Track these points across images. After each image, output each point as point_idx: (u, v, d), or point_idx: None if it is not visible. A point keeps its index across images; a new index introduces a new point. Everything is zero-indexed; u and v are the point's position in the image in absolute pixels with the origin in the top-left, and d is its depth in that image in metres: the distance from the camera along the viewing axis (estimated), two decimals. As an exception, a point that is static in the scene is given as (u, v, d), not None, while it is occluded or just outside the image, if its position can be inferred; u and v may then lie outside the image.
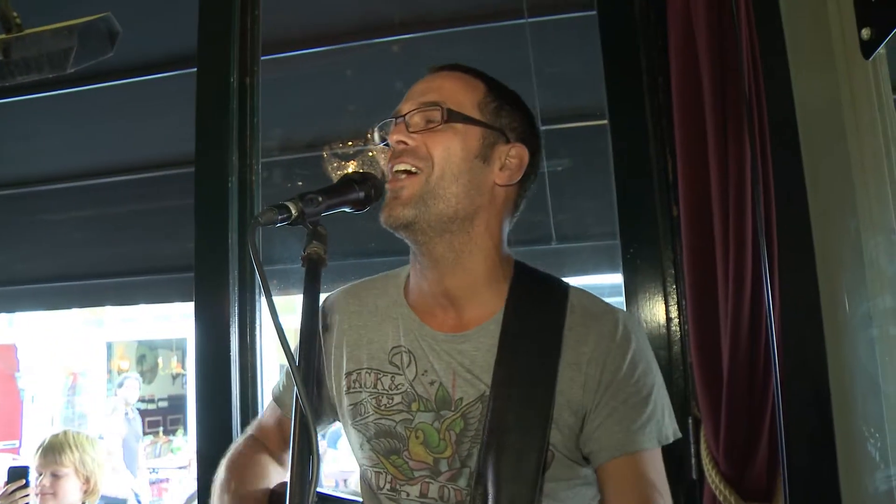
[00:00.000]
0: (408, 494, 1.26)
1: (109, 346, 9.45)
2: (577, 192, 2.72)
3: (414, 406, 1.27)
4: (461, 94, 1.29)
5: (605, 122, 2.00)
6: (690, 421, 1.79)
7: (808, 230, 1.60)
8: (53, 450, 2.83)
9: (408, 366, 1.29)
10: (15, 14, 2.62)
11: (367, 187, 1.22)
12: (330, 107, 2.98)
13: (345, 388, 1.36)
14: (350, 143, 2.89)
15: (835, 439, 1.55)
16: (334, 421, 1.45)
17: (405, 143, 1.25)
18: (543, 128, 2.73)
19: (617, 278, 1.95)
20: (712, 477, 1.62)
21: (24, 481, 2.70)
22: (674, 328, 1.83)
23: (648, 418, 1.22)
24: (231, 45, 2.29)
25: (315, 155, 2.90)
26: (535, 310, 1.27)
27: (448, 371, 1.26)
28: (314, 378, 0.96)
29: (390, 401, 1.29)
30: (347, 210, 1.22)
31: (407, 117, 1.26)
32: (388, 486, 1.28)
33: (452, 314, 1.30)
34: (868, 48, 1.39)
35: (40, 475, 2.80)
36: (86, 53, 2.57)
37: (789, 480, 1.57)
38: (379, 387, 1.31)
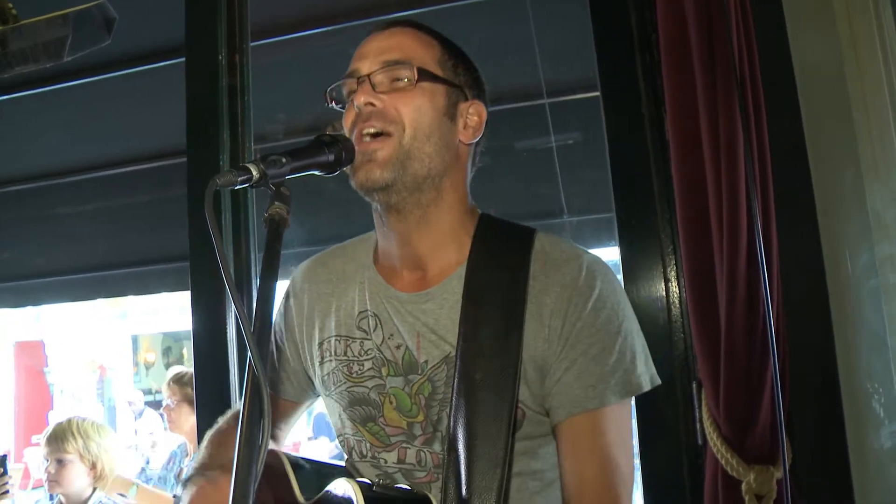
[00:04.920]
0: (386, 461, 1.24)
1: (135, 339, 9.56)
2: (587, 165, 2.66)
3: (384, 371, 1.24)
4: (422, 51, 1.25)
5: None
6: (694, 385, 1.74)
7: (807, 181, 1.54)
8: (57, 437, 2.88)
9: (374, 330, 1.26)
10: (10, 5, 2.62)
11: (338, 150, 1.18)
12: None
13: (318, 359, 1.33)
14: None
15: (841, 398, 1.50)
16: (317, 395, 1.42)
17: (373, 104, 1.20)
18: (549, 100, 2.70)
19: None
20: (714, 441, 1.57)
21: (1, 469, 2.80)
22: (673, 289, 1.77)
23: (612, 370, 1.16)
24: (219, 22, 2.26)
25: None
26: (499, 261, 1.22)
27: (412, 333, 1.22)
28: (269, 340, 0.92)
29: (361, 367, 1.26)
30: (316, 173, 1.18)
31: (371, 77, 1.21)
32: (368, 453, 1.26)
33: (417, 273, 1.27)
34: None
35: (47, 462, 2.84)
36: (82, 41, 2.56)
37: (794, 441, 1.52)
38: (349, 354, 1.28)
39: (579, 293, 1.18)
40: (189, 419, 3.48)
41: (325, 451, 6.58)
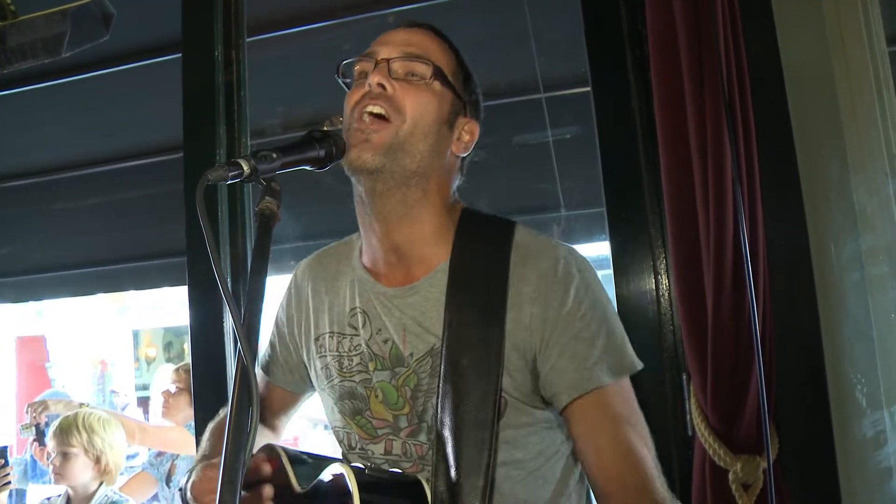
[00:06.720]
0: (373, 453, 1.27)
1: (136, 334, 9.57)
2: (584, 159, 2.67)
3: (371, 365, 1.26)
4: (442, 56, 1.29)
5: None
6: (683, 376, 1.76)
7: (794, 174, 1.56)
8: (62, 431, 2.90)
9: (363, 326, 1.29)
10: (9, 1, 2.64)
11: (329, 145, 1.21)
12: (330, 82, 2.96)
13: (315, 353, 1.37)
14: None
15: (827, 388, 1.52)
16: (313, 388, 1.45)
17: (384, 86, 1.22)
18: (546, 95, 2.70)
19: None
20: (702, 431, 1.59)
21: (2, 461, 2.82)
22: (662, 282, 1.79)
23: (604, 351, 1.18)
24: (215, 18, 2.28)
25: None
26: (481, 253, 1.25)
27: (399, 328, 1.25)
28: (258, 330, 0.95)
29: (350, 362, 1.29)
30: (307, 168, 1.20)
31: (390, 62, 1.24)
32: (357, 445, 1.29)
33: (401, 269, 1.29)
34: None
35: (54, 455, 2.87)
36: (81, 37, 2.58)
37: (781, 431, 1.54)
38: (341, 349, 1.31)
39: (559, 282, 1.20)
40: (185, 410, 3.51)
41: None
